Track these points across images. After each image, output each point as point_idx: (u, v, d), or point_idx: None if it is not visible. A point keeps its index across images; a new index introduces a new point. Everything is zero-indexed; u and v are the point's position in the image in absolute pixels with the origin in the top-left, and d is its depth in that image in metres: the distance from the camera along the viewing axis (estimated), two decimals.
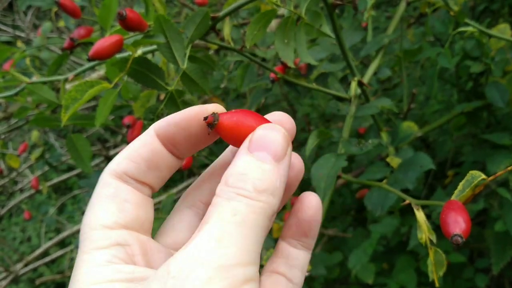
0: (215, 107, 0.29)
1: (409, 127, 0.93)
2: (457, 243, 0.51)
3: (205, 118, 0.28)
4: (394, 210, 1.43)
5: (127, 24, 0.69)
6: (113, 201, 0.27)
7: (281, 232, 0.33)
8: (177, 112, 0.29)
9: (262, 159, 0.26)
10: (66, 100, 0.69)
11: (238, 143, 0.28)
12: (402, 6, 0.87)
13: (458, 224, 0.51)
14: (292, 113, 1.61)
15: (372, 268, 1.29)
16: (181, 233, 0.31)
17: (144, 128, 0.79)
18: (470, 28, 0.81)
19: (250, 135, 0.27)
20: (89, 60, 0.71)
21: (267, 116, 0.30)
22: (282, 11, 1.00)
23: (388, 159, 0.88)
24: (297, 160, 0.32)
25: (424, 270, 1.34)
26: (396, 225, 1.31)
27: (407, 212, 1.48)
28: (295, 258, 0.33)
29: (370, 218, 1.49)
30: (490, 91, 1.04)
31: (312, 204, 0.32)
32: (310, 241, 0.33)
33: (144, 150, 0.29)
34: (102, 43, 0.70)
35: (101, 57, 0.70)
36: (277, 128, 0.27)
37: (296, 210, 0.32)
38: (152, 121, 0.77)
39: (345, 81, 0.96)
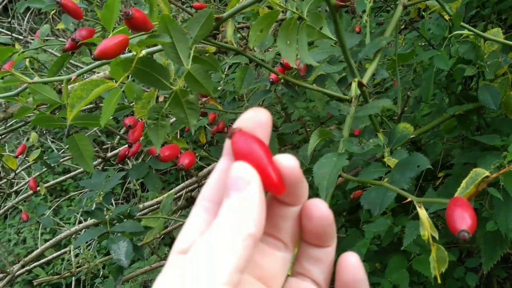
0: (257, 112, 0.32)
1: (405, 128, 0.95)
2: (464, 239, 0.52)
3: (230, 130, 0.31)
4: (387, 210, 1.45)
5: (133, 24, 0.70)
6: (189, 230, 0.31)
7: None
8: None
9: (231, 197, 0.29)
10: (72, 98, 0.70)
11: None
12: (399, 10, 0.89)
13: (464, 220, 0.53)
14: (286, 116, 1.63)
15: (366, 268, 1.30)
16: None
17: (148, 127, 0.80)
18: (465, 31, 0.84)
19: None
20: (95, 59, 0.71)
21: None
22: (281, 15, 1.02)
23: (385, 159, 0.90)
24: (318, 206, 0.33)
25: (416, 269, 1.36)
26: (389, 225, 1.34)
27: (399, 212, 1.50)
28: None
29: (363, 219, 1.52)
30: (483, 94, 1.07)
31: (351, 264, 0.33)
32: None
33: (215, 173, 0.32)
34: (107, 42, 0.71)
35: (106, 57, 0.71)
36: (239, 166, 0.30)
37: (338, 274, 0.33)
38: (157, 120, 0.78)
39: (342, 83, 0.98)
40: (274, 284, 0.33)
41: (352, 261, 0.33)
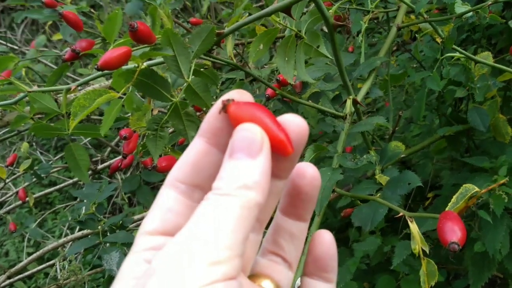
0: (241, 93, 0.31)
1: (397, 147, 0.97)
2: (454, 251, 0.54)
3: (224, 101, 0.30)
4: (376, 230, 1.46)
5: (138, 36, 0.71)
6: (159, 211, 0.30)
7: (302, 271, 0.35)
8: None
9: (238, 159, 0.28)
10: (75, 107, 0.71)
11: None
12: (393, 31, 0.92)
13: (454, 232, 0.55)
14: None
15: (355, 286, 1.31)
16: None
17: (146, 138, 0.81)
18: (457, 54, 0.87)
19: (230, 141, 0.29)
20: (98, 70, 0.72)
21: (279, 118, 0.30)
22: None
23: (377, 177, 0.92)
24: (310, 168, 0.33)
25: None
26: (378, 244, 1.35)
27: (388, 232, 1.52)
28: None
29: (352, 238, 1.53)
30: (472, 116, 1.10)
31: (325, 240, 0.34)
32: (330, 275, 0.34)
33: (189, 154, 0.31)
34: (111, 53, 0.72)
35: (109, 67, 0.72)
36: (249, 128, 0.28)
37: (311, 248, 0.34)
38: (156, 131, 0.79)
39: (336, 101, 1.00)
40: (246, 266, 0.33)
41: (327, 237, 0.34)
